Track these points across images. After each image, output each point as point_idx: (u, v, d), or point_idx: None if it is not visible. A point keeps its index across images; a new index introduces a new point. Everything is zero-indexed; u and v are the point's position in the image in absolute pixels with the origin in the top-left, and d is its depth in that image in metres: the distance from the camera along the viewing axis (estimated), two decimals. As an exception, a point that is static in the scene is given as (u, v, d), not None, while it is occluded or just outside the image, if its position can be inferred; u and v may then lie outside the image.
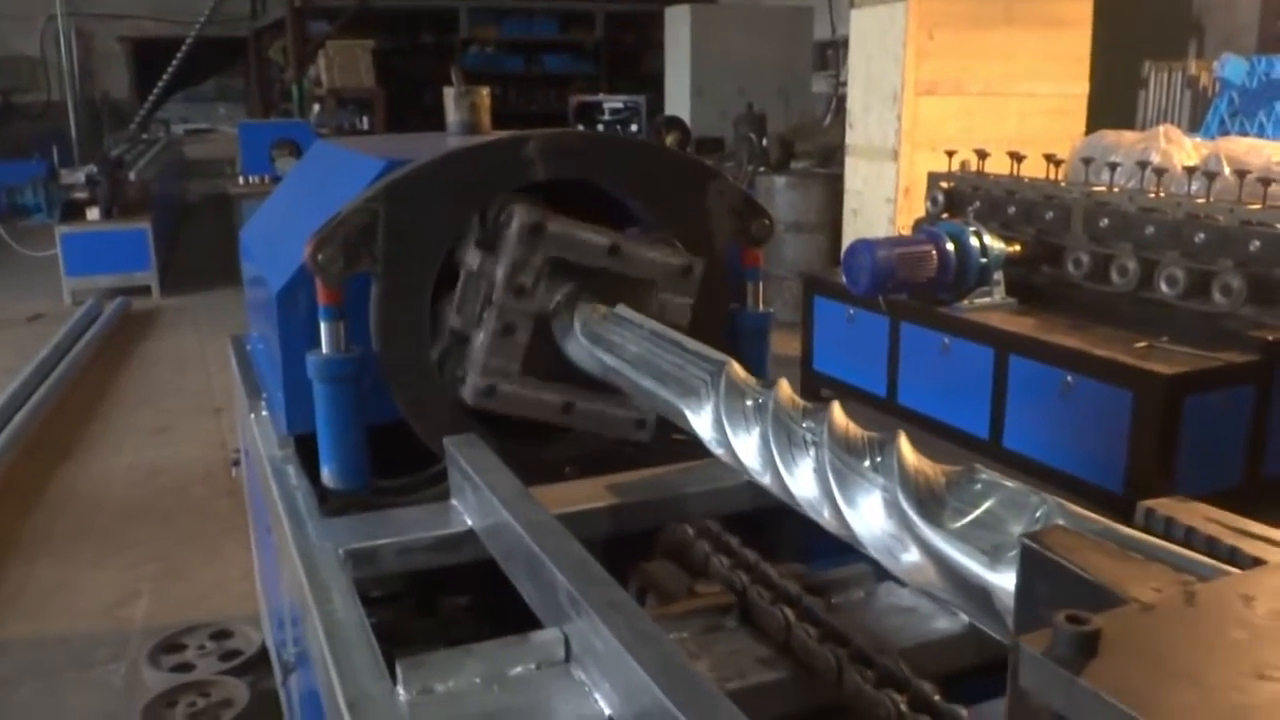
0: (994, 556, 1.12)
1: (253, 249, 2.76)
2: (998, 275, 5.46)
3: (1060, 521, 1.12)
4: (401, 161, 2.06)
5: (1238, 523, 1.16)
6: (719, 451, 1.62)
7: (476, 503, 1.80)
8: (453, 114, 2.53)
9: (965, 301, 5.44)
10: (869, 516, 1.28)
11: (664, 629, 1.45)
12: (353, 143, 3.06)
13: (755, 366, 2.02)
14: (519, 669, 1.40)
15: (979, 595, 1.14)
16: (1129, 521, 1.18)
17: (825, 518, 1.37)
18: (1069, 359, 4.84)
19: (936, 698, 1.28)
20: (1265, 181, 4.76)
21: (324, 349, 1.95)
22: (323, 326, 1.95)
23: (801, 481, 1.41)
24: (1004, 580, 1.10)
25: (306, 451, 2.10)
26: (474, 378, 2.00)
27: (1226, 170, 5.25)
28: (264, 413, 2.50)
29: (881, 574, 1.60)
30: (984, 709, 1.31)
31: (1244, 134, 7.94)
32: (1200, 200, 4.96)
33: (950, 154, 6.20)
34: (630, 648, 1.23)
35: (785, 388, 1.53)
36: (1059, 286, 5.50)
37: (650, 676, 1.17)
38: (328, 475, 2.01)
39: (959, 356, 5.41)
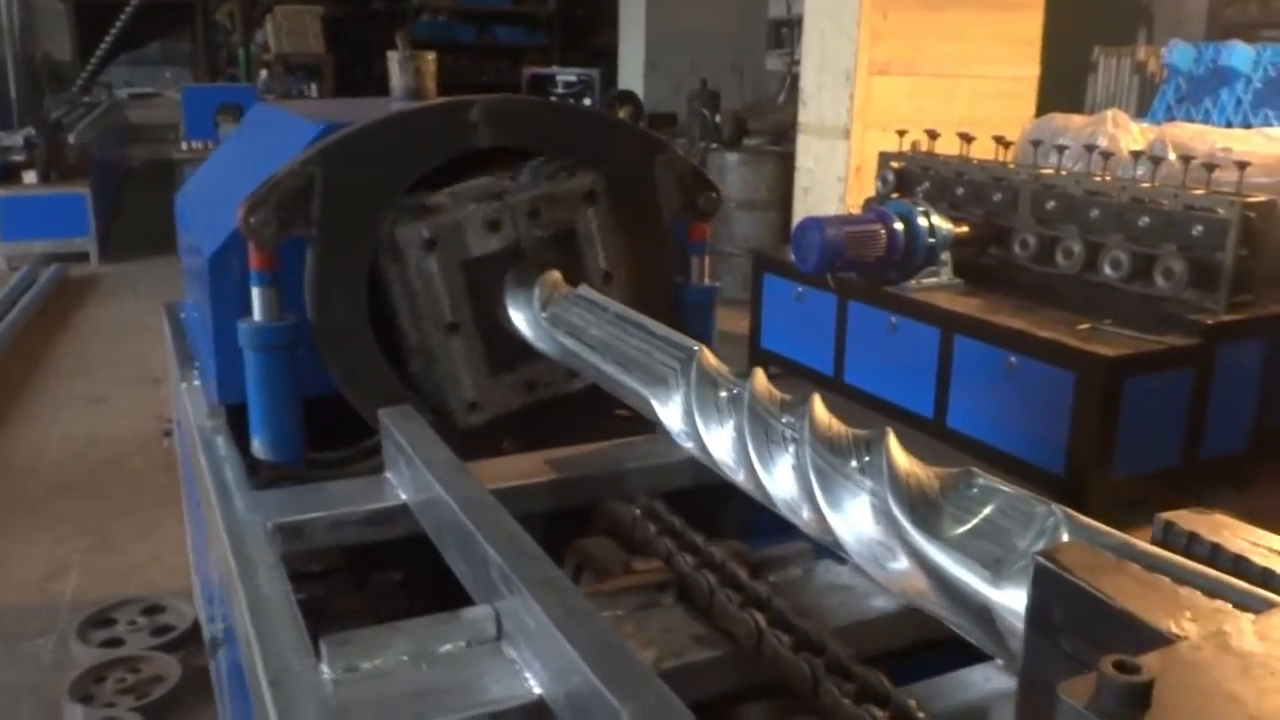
0: (996, 571, 1.03)
1: (188, 214, 2.68)
2: (945, 256, 5.49)
3: (1068, 535, 1.04)
4: (340, 125, 2.00)
5: (1262, 538, 1.06)
6: (688, 445, 1.53)
7: (410, 476, 1.76)
8: (397, 79, 2.47)
9: (913, 281, 5.45)
10: (855, 521, 1.19)
11: (599, 606, 1.43)
12: (292, 106, 2.99)
13: (700, 338, 1.98)
14: (448, 646, 1.36)
15: (978, 613, 1.05)
16: (1124, 530, 1.08)
17: (805, 519, 1.28)
18: (1013, 340, 4.88)
19: (858, 667, 1.25)
20: (1209, 167, 4.80)
21: (256, 316, 1.90)
22: (255, 293, 1.89)
23: (779, 481, 1.32)
24: (1008, 599, 1.01)
25: (240, 422, 2.05)
26: (457, 402, 2.01)
27: (1172, 155, 5.30)
28: (195, 382, 2.43)
29: (821, 552, 1.58)
30: (920, 687, 1.29)
31: (1190, 120, 8.02)
32: (1145, 184, 5.01)
33: (901, 134, 6.20)
34: (561, 625, 1.20)
35: (761, 378, 1.43)
36: (1005, 268, 5.53)
37: (580, 655, 1.14)
38: (258, 446, 1.96)
39: (905, 336, 5.43)
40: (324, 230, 1.90)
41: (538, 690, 1.26)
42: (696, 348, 1.54)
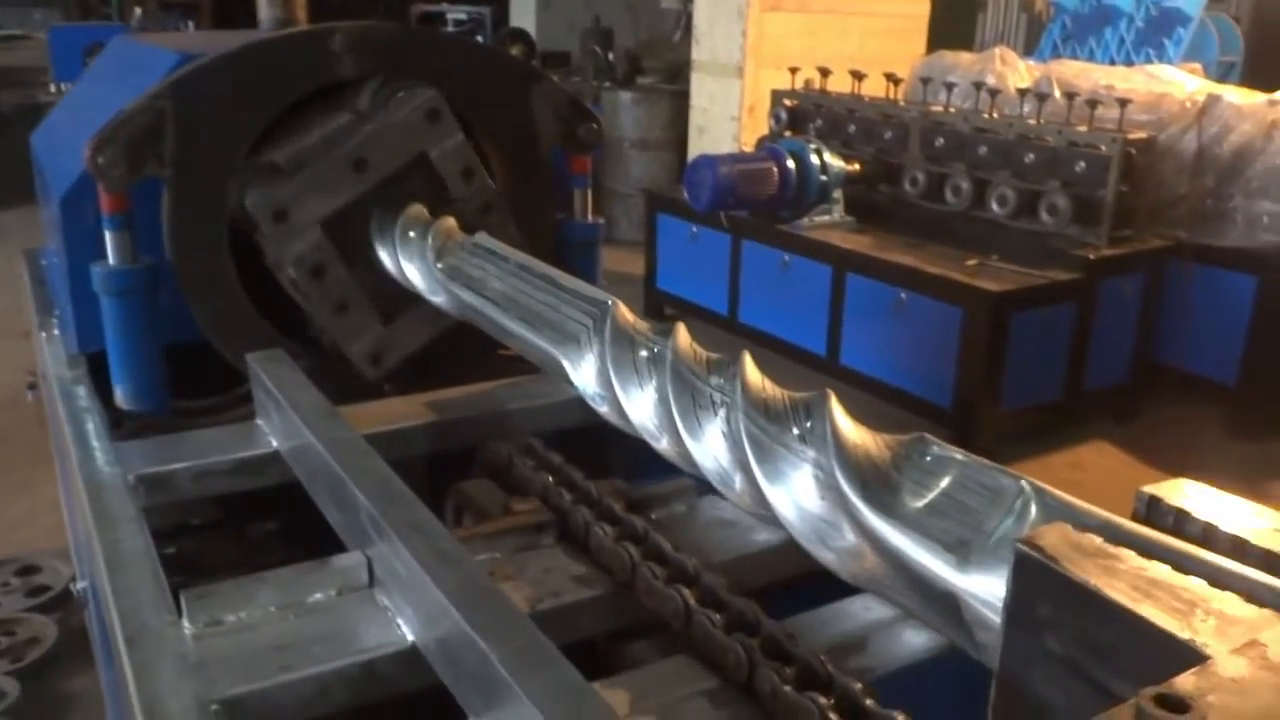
0: (962, 555, 0.92)
1: (43, 154, 2.54)
2: (837, 194, 5.50)
3: (1038, 511, 0.94)
4: (196, 56, 1.89)
5: (1252, 513, 0.96)
6: (603, 409, 1.40)
7: (281, 422, 1.69)
8: (265, 9, 2.36)
9: (805, 219, 5.46)
10: (797, 495, 1.07)
11: (476, 549, 1.39)
12: (153, 39, 2.83)
13: (584, 277, 1.94)
14: (318, 595, 1.32)
15: (941, 599, 0.95)
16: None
17: (737, 492, 1.18)
18: (903, 276, 4.93)
19: (731, 597, 1.23)
20: (1093, 104, 4.88)
21: (110, 260, 1.79)
22: (108, 236, 1.79)
23: (709, 449, 1.19)
24: (976, 585, 0.91)
25: (103, 372, 1.94)
26: (360, 358, 1.93)
27: (1057, 93, 5.38)
28: (55, 331, 2.31)
29: (704, 489, 1.56)
30: (799, 619, 1.29)
31: (1075, 58, 8.17)
32: (1031, 122, 5.07)
33: (794, 71, 6.19)
34: (431, 570, 1.16)
35: (684, 334, 1.29)
36: (896, 205, 5.58)
37: (450, 600, 1.10)
38: (120, 396, 1.87)
39: (798, 274, 5.45)
40: (179, 169, 1.79)
41: (410, 638, 1.23)
42: (610, 301, 1.40)
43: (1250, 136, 5.19)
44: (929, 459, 1.02)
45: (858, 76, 5.86)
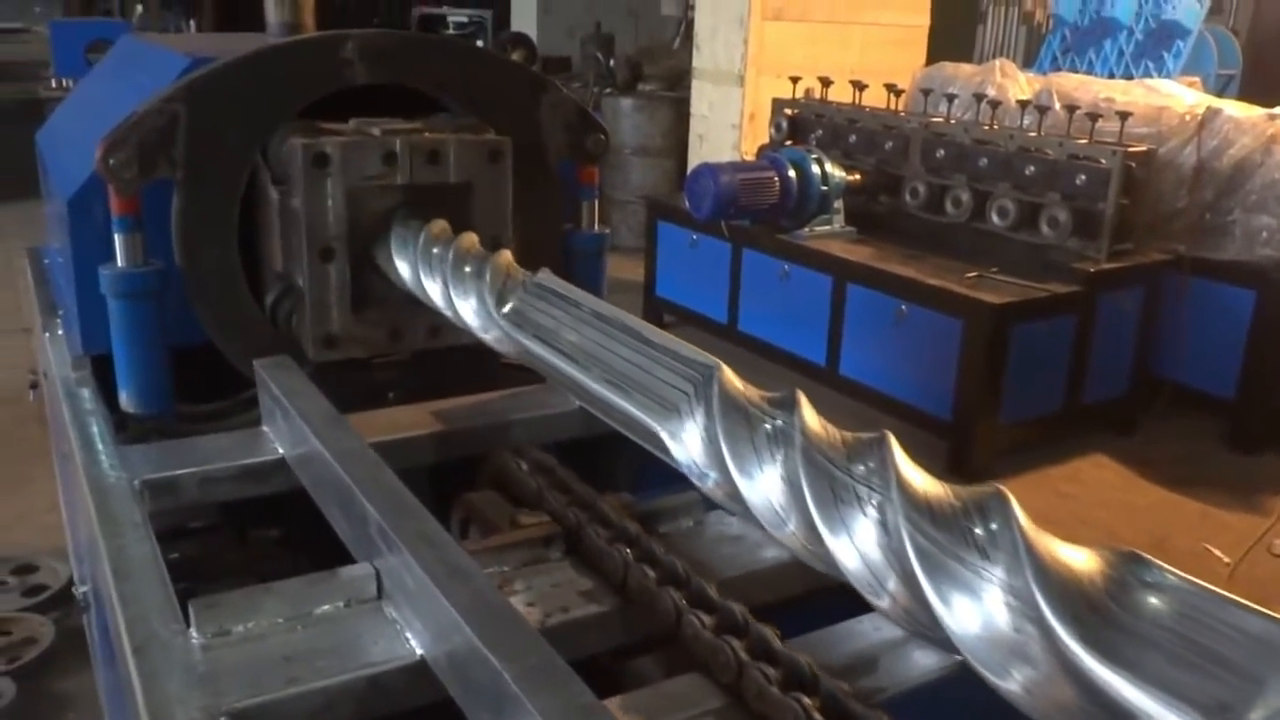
0: None
1: (49, 153, 2.53)
2: (838, 203, 5.52)
3: None
4: (208, 59, 1.88)
5: None
6: (707, 486, 1.20)
7: (287, 429, 1.68)
8: (272, 13, 2.34)
9: (806, 229, 5.47)
10: (982, 623, 0.87)
11: (484, 562, 1.39)
12: (162, 39, 2.83)
13: (590, 288, 1.94)
14: (326, 607, 1.31)
15: None
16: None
17: (893, 604, 0.97)
18: (903, 288, 4.93)
19: (751, 622, 1.22)
20: (1093, 117, 4.89)
21: (119, 262, 1.79)
22: (117, 238, 1.78)
23: (855, 551, 0.99)
24: None
25: (107, 374, 1.94)
26: (311, 330, 1.85)
27: (1057, 105, 5.39)
28: (59, 331, 2.30)
29: (710, 503, 1.56)
30: (810, 638, 1.28)
31: (1075, 70, 8.19)
32: (1031, 134, 5.08)
33: (795, 80, 6.19)
34: (441, 584, 1.15)
35: (808, 407, 1.11)
36: (896, 216, 5.58)
37: (461, 614, 1.10)
38: (126, 399, 1.86)
39: (798, 284, 5.45)
40: (190, 172, 1.79)
41: (419, 651, 1.22)
42: (713, 364, 1.22)
43: (1249, 150, 5.20)
44: (1150, 582, 0.81)
45: (859, 87, 5.87)
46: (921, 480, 0.97)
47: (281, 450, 1.72)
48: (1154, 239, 5.28)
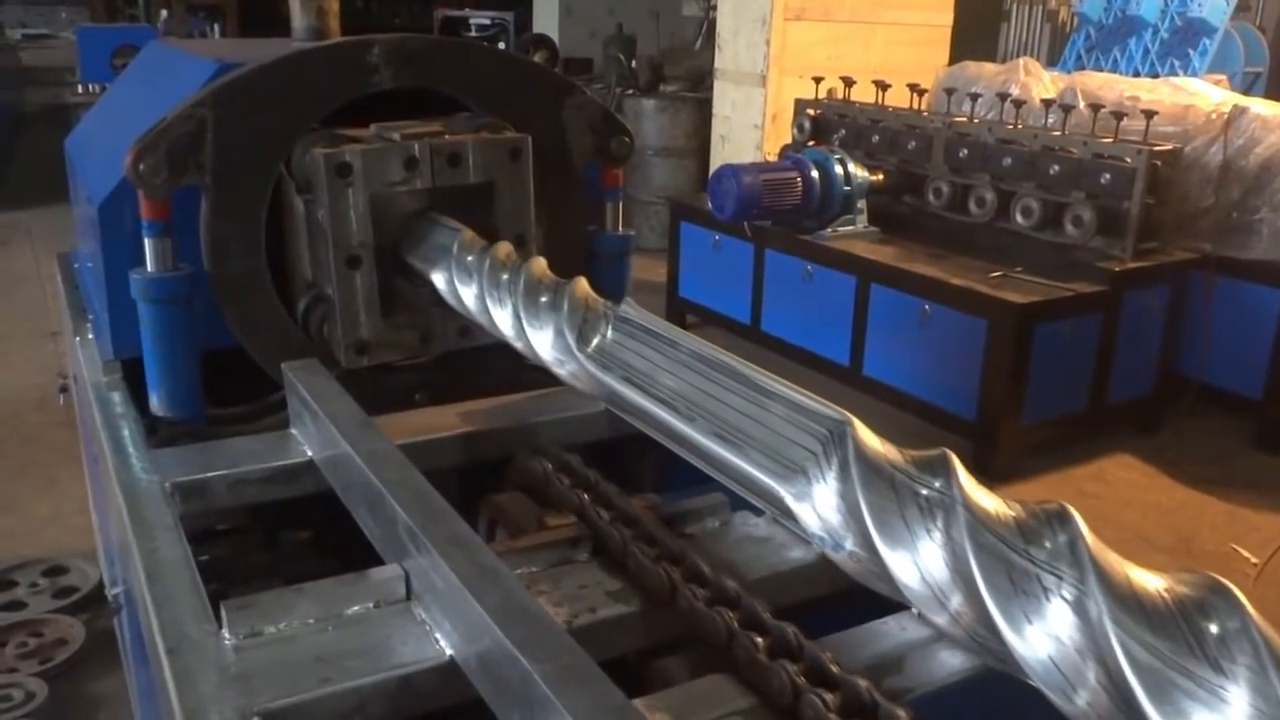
0: None
1: (78, 158, 2.56)
2: (861, 204, 5.50)
3: None
4: (235, 64, 1.90)
5: None
6: (839, 556, 1.07)
7: (316, 432, 1.70)
8: (298, 19, 2.36)
9: (829, 229, 5.46)
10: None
11: (512, 564, 1.39)
12: (188, 45, 2.86)
13: (614, 290, 1.94)
14: (356, 608, 1.32)
15: None
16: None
17: (1083, 710, 0.83)
18: (927, 288, 4.92)
19: (767, 615, 1.22)
20: (1118, 116, 4.87)
21: (149, 267, 1.81)
22: (147, 243, 1.80)
23: (1044, 649, 0.84)
24: None
25: (138, 378, 1.96)
26: (342, 337, 1.86)
27: (1082, 104, 5.36)
28: (90, 335, 2.33)
29: (737, 503, 1.56)
30: (835, 639, 1.29)
31: (1099, 69, 8.15)
32: (1056, 133, 5.06)
33: (818, 81, 6.19)
34: (471, 585, 1.16)
35: (962, 471, 0.97)
36: (920, 216, 5.57)
37: (490, 615, 1.10)
38: (156, 403, 1.88)
39: (822, 284, 5.45)
40: (218, 177, 1.81)
41: (449, 652, 1.23)
42: (844, 419, 1.07)
43: (1276, 149, 5.16)
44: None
45: (882, 86, 5.86)
46: (1121, 568, 0.82)
47: (310, 452, 1.74)
48: (1180, 238, 5.25)
